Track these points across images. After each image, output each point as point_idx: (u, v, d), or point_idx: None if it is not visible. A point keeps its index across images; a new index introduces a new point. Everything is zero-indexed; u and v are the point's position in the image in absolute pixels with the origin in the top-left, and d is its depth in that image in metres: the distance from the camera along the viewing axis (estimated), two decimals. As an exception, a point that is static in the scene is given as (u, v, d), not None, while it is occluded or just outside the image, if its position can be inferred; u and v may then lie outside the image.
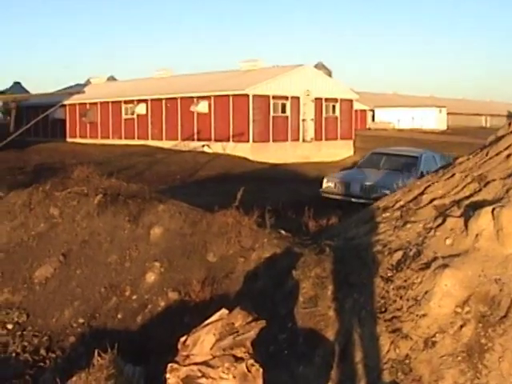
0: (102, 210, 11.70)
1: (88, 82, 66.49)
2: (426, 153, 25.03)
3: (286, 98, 48.44)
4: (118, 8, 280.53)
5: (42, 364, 8.86)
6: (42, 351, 9.23)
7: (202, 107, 48.22)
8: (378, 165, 24.03)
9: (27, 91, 70.92)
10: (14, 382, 8.08)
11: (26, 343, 9.53)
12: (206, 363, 5.62)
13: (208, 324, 5.86)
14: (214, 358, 5.63)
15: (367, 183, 22.14)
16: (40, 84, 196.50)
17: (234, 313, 5.87)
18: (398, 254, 7.86)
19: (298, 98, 49.11)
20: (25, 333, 9.87)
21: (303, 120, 49.73)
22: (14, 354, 9.22)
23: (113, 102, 55.93)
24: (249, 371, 5.53)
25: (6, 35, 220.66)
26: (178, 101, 50.18)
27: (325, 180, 23.80)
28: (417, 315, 6.92)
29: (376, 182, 21.81)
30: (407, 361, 6.60)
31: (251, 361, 5.57)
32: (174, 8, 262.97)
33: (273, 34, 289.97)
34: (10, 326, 10.11)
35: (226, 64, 79.25)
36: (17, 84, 76.65)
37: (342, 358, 6.93)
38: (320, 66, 65.04)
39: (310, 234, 11.05)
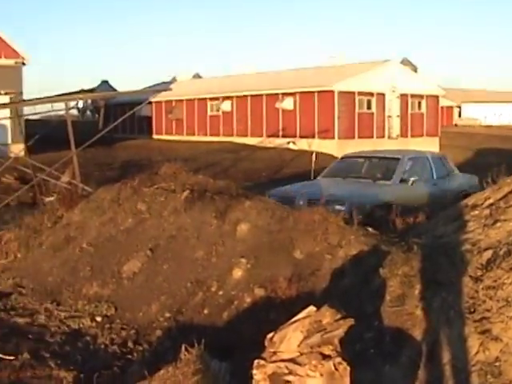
0: (189, 205, 11.79)
1: (174, 80, 67.41)
2: (412, 155, 20.02)
3: (372, 94, 48.16)
4: (203, 6, 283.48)
5: (129, 356, 9.00)
6: (130, 344, 9.38)
7: (288, 104, 48.32)
8: (347, 173, 18.75)
9: (114, 89, 72.30)
10: (103, 373, 8.23)
11: (114, 336, 9.70)
12: (293, 360, 5.62)
13: (295, 321, 5.86)
14: (301, 355, 5.63)
15: (315, 198, 15.09)
16: (127, 82, 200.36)
17: (322, 310, 5.86)
18: (488, 253, 7.72)
19: (383, 95, 48.76)
20: (113, 325, 10.05)
21: (389, 116, 49.34)
22: (102, 346, 9.40)
23: (198, 99, 56.51)
24: (336, 369, 5.51)
25: (94, 35, 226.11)
26: (264, 97, 50.36)
27: (266, 196, 15.68)
28: (507, 316, 6.77)
29: (331, 195, 15.54)
30: (497, 363, 6.46)
31: (339, 359, 5.55)
32: (257, 6, 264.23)
33: (358, 29, 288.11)
34: (98, 319, 10.31)
35: (311, 60, 79.08)
36: (104, 82, 78.23)
37: (430, 358, 6.84)
38: (406, 62, 64.49)
39: (397, 232, 10.94)
